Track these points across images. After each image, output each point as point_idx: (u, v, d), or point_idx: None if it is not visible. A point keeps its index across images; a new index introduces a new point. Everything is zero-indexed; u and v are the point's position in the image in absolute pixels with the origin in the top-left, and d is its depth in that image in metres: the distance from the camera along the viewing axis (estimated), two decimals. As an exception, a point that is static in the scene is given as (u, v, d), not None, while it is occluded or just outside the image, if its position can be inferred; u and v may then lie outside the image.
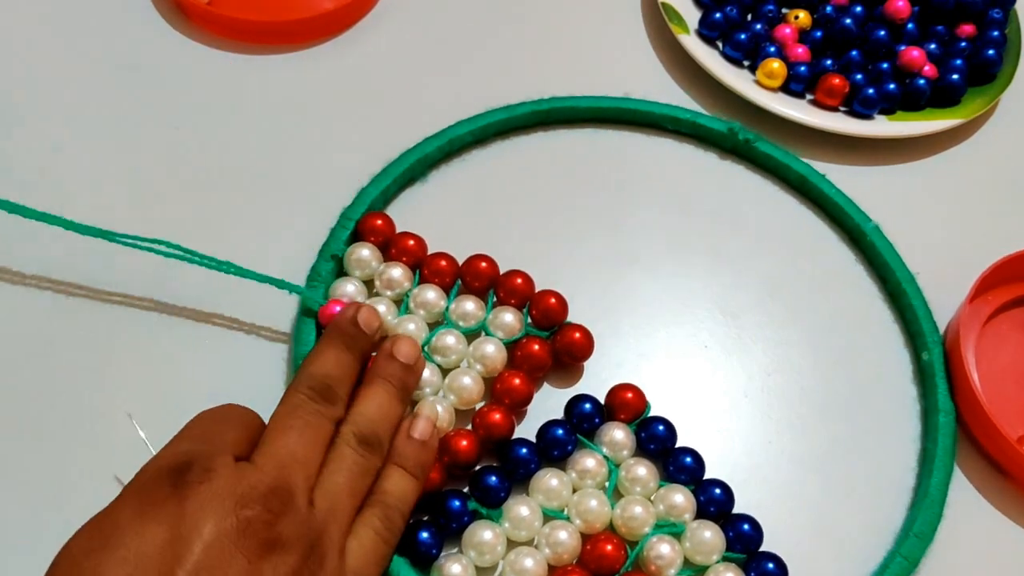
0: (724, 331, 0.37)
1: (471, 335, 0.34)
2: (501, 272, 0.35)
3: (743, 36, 0.44)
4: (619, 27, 0.47)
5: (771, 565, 0.30)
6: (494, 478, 0.30)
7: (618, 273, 0.38)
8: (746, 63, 0.45)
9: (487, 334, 0.34)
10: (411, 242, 0.35)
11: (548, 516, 0.30)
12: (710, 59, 0.43)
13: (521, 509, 0.30)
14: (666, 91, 0.44)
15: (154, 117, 0.41)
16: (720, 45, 0.45)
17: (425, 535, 0.29)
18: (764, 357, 0.36)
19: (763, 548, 0.31)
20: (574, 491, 0.31)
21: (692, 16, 0.45)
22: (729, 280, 0.38)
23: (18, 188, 0.37)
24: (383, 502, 0.28)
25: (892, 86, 0.43)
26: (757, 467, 0.34)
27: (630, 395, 0.33)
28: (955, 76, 0.43)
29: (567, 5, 0.47)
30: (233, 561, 0.23)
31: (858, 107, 0.43)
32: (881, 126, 0.43)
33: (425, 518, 0.30)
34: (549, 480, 0.30)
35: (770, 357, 0.36)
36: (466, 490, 0.31)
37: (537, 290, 0.35)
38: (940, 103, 0.44)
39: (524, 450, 0.31)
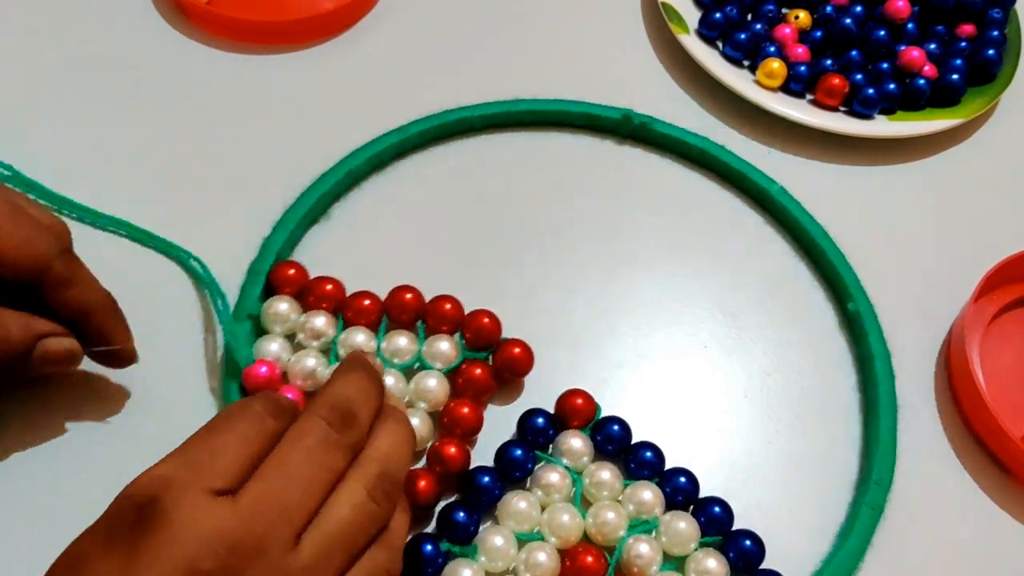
0: (724, 331, 0.37)
1: (408, 371, 0.33)
2: (427, 300, 0.34)
3: (743, 36, 0.44)
4: (619, 27, 0.47)
5: (748, 542, 0.30)
6: (461, 513, 0.29)
7: (556, 284, 0.38)
8: (746, 63, 0.45)
9: (424, 367, 0.33)
10: (329, 286, 0.34)
11: (522, 540, 0.30)
12: (710, 59, 0.43)
13: (495, 540, 0.29)
14: (666, 91, 0.44)
15: (154, 117, 0.41)
16: (720, 45, 0.45)
17: None
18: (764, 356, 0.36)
19: (734, 527, 0.31)
20: (542, 509, 0.30)
21: (692, 16, 0.45)
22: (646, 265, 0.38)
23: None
24: (391, 546, 0.26)
25: (892, 86, 0.43)
26: (757, 467, 0.33)
27: (580, 400, 0.32)
28: (955, 76, 0.43)
29: (567, 5, 0.47)
30: None
31: (858, 107, 0.43)
32: (881, 126, 0.43)
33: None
34: (517, 503, 0.30)
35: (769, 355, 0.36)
36: (432, 529, 0.30)
37: (467, 312, 0.34)
38: (940, 103, 0.44)
39: (486, 478, 0.30)
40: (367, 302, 0.34)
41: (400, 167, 0.40)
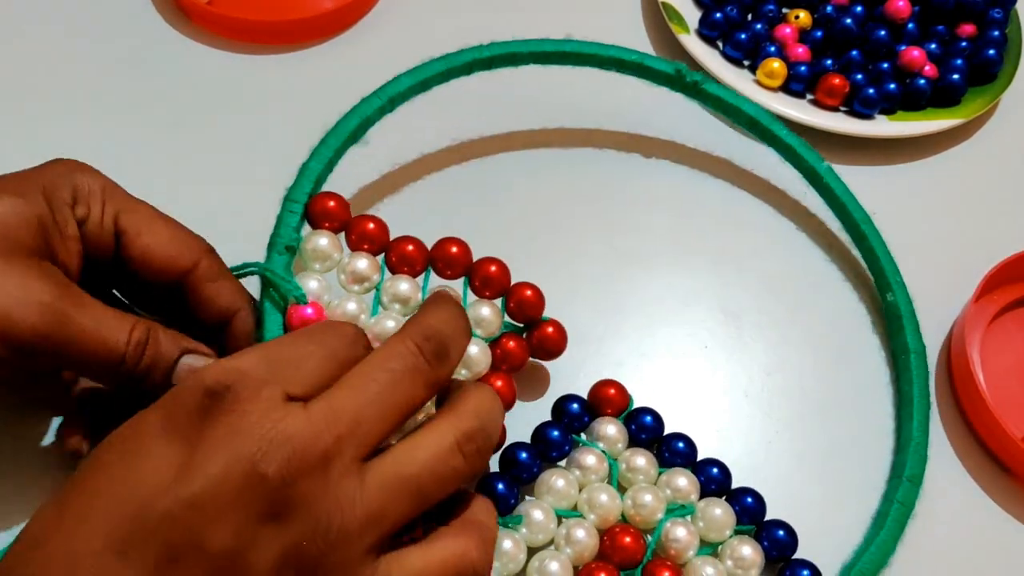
0: (724, 331, 0.37)
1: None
2: (474, 258, 0.32)
3: (743, 36, 0.44)
4: (619, 27, 0.47)
5: (781, 532, 0.30)
6: (502, 485, 0.30)
7: (607, 264, 0.38)
8: (746, 63, 0.45)
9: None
10: (371, 225, 0.31)
11: (560, 517, 0.30)
12: (710, 59, 0.43)
13: (535, 513, 0.29)
14: (668, 92, 0.44)
15: (154, 116, 0.41)
16: (720, 45, 0.45)
17: None
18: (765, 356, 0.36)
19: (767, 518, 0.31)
20: (580, 489, 0.31)
21: (692, 16, 0.45)
22: (694, 228, 0.39)
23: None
24: (470, 524, 0.24)
25: (892, 86, 0.43)
26: (757, 468, 0.33)
27: (612, 391, 0.33)
28: (955, 76, 0.43)
29: (567, 5, 0.47)
30: (226, 515, 0.20)
31: (858, 107, 0.43)
32: (881, 126, 0.43)
33: None
34: (555, 481, 0.30)
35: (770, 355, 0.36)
36: None
37: (513, 282, 0.33)
38: (940, 103, 0.44)
39: (524, 454, 0.31)
40: (411, 247, 0.31)
41: (443, 91, 0.37)
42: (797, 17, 0.46)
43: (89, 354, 0.25)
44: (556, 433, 0.31)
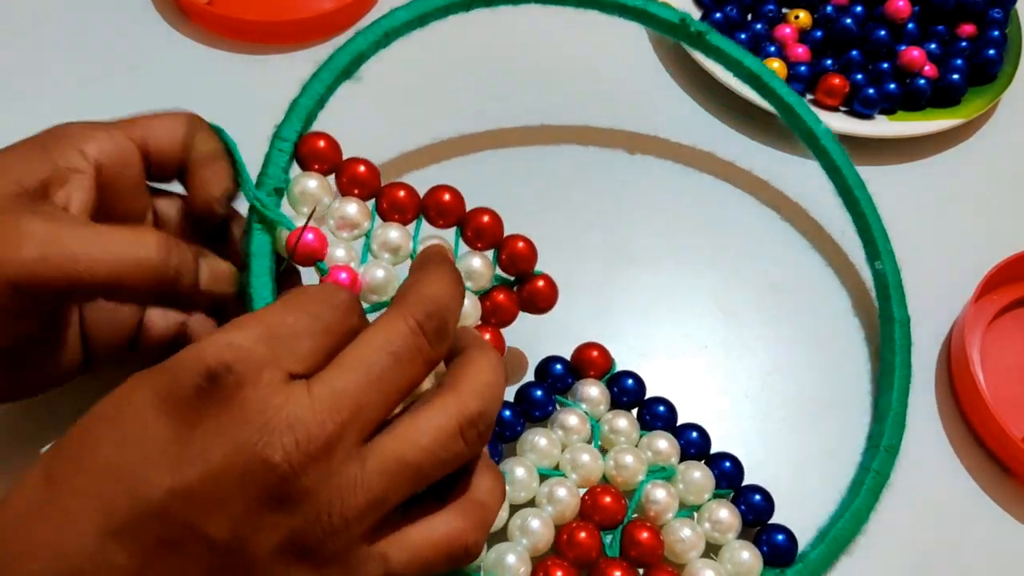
0: (724, 330, 0.37)
1: None
2: (466, 208, 0.31)
3: (743, 36, 0.44)
4: (619, 27, 0.47)
5: (758, 497, 0.31)
6: None
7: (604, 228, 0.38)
8: (746, 63, 0.45)
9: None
10: (362, 168, 0.30)
11: (542, 476, 0.30)
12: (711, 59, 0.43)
13: (517, 471, 0.30)
14: (666, 90, 0.44)
15: (153, 116, 0.41)
16: (720, 45, 0.45)
17: None
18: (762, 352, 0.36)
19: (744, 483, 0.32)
20: (562, 449, 0.31)
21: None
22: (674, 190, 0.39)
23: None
24: (469, 507, 0.23)
25: (892, 86, 0.43)
26: (758, 466, 0.33)
27: (595, 353, 0.33)
28: (955, 76, 0.43)
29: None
30: (228, 503, 0.20)
31: (858, 107, 0.43)
32: (881, 126, 0.43)
33: None
34: (538, 440, 0.30)
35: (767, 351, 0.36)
36: None
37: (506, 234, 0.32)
38: (940, 103, 0.44)
39: (508, 412, 0.31)
40: (402, 193, 0.30)
41: (441, 26, 0.37)
42: (797, 17, 0.46)
43: (102, 271, 0.24)
44: (539, 393, 0.32)
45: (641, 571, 0.29)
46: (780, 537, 0.30)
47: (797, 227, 0.40)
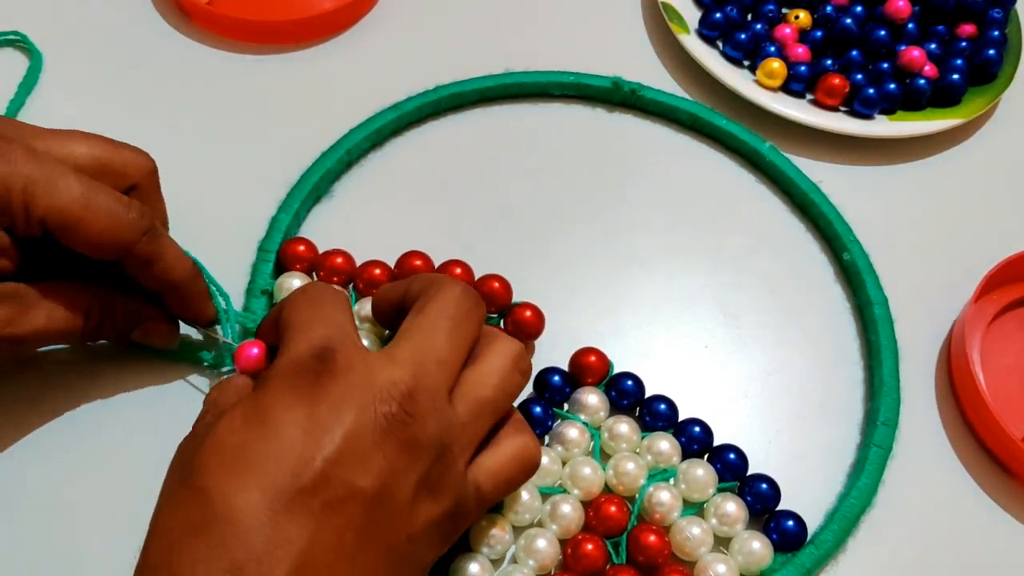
0: (725, 331, 0.37)
1: None
2: (436, 266, 0.35)
3: (743, 36, 0.44)
4: (619, 27, 0.47)
5: (764, 485, 0.31)
6: None
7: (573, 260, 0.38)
8: (746, 63, 0.45)
9: None
10: (339, 259, 0.35)
11: (545, 494, 0.31)
12: (710, 59, 0.43)
13: (520, 495, 0.30)
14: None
15: (154, 116, 0.41)
16: (720, 45, 0.45)
17: None
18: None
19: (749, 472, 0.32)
20: (563, 463, 0.31)
21: (692, 16, 0.45)
22: (658, 224, 0.40)
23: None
24: (522, 424, 0.28)
25: (892, 86, 0.43)
26: (765, 419, 0.33)
27: (593, 358, 0.33)
28: (955, 76, 0.43)
29: (567, 5, 0.47)
30: (371, 456, 0.23)
31: (858, 107, 0.43)
32: (881, 126, 0.43)
33: None
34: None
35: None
36: None
37: (477, 277, 0.35)
38: (940, 103, 0.44)
39: None
40: (377, 271, 0.34)
41: (399, 143, 0.41)
42: (797, 17, 0.46)
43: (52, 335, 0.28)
44: (539, 410, 0.32)
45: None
46: (789, 523, 0.31)
47: (799, 227, 0.40)
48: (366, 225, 0.38)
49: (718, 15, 0.45)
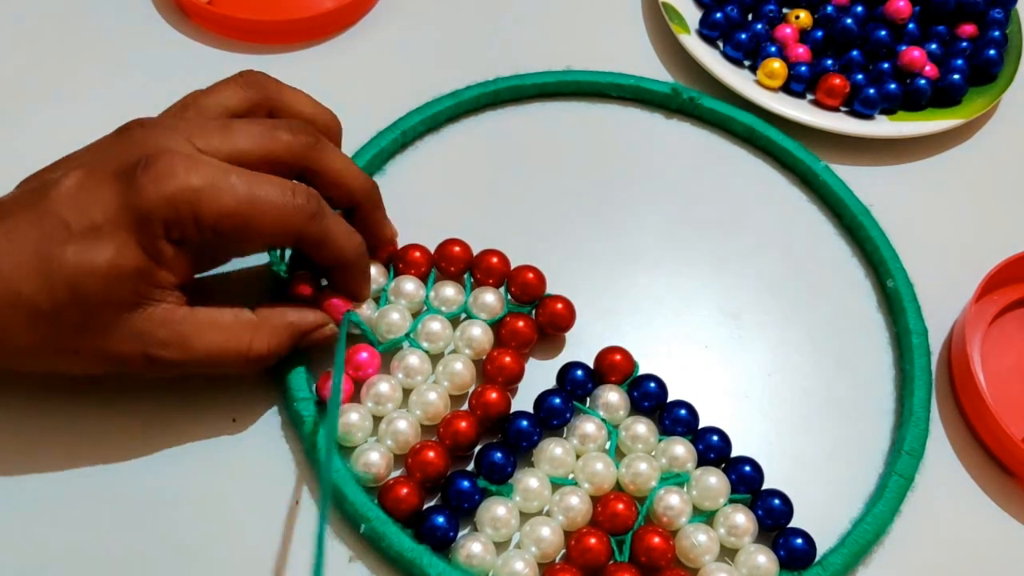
0: (725, 331, 0.37)
1: (454, 320, 0.34)
2: (474, 254, 0.35)
3: (744, 36, 0.44)
4: (620, 26, 0.47)
5: (776, 501, 0.31)
6: (499, 454, 0.30)
7: (608, 261, 0.38)
8: (747, 63, 0.45)
9: (470, 317, 0.34)
10: (418, 253, 0.35)
11: (556, 484, 0.31)
12: (711, 59, 0.43)
13: (530, 481, 0.30)
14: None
15: (153, 117, 0.41)
16: (721, 45, 0.45)
17: (440, 519, 0.29)
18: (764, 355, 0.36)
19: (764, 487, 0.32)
20: (577, 457, 0.31)
21: (693, 16, 0.45)
22: (692, 235, 0.40)
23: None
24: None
25: (893, 86, 0.43)
26: (785, 434, 0.33)
27: (618, 357, 0.33)
28: (956, 76, 0.43)
29: (568, 5, 0.47)
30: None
31: (859, 107, 0.43)
32: (882, 126, 0.43)
33: (436, 502, 0.30)
34: (553, 449, 0.31)
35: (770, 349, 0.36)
36: (471, 468, 0.31)
37: (513, 267, 0.35)
38: (941, 103, 0.44)
39: (524, 423, 0.31)
40: (417, 254, 0.35)
41: (453, 129, 0.41)
42: (797, 17, 0.46)
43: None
44: (558, 401, 0.32)
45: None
46: (799, 541, 0.30)
47: (799, 227, 0.40)
48: (413, 208, 0.37)
49: (719, 15, 0.45)
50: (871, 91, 0.42)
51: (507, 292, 0.35)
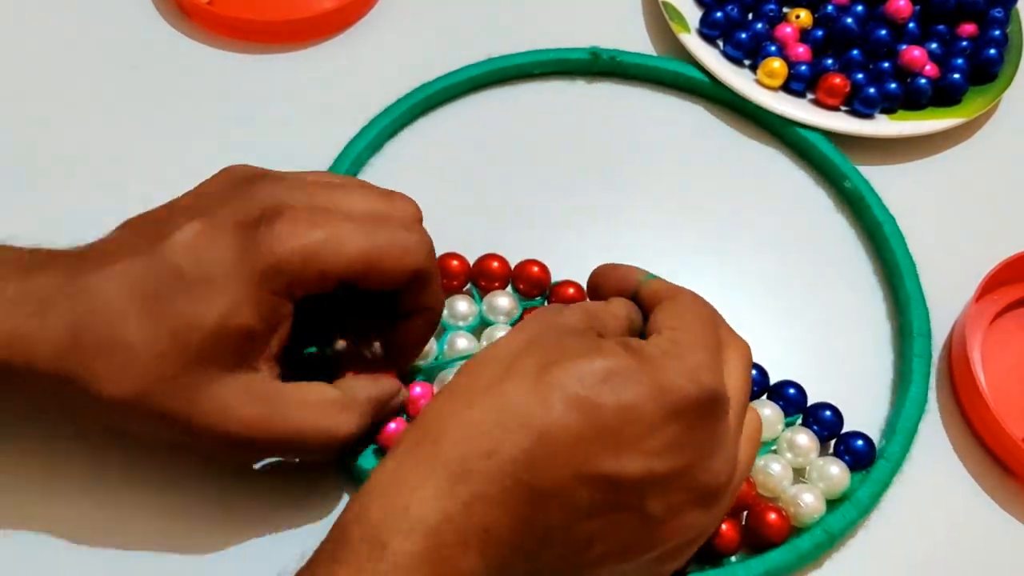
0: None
1: (475, 331, 0.34)
2: (474, 261, 0.36)
3: (744, 35, 0.44)
4: (620, 26, 0.47)
5: (827, 413, 0.33)
6: None
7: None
8: (747, 62, 0.45)
9: (487, 324, 0.34)
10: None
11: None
12: (711, 58, 0.43)
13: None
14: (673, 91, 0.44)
15: (153, 116, 0.41)
16: (721, 44, 0.45)
17: None
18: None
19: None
20: None
21: (693, 15, 0.45)
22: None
23: (18, 188, 0.37)
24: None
25: (893, 85, 0.43)
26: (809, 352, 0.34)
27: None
28: (956, 75, 0.43)
29: (568, 4, 0.47)
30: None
31: (859, 106, 0.43)
32: (882, 125, 0.42)
33: None
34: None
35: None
36: None
37: (513, 265, 0.35)
38: (941, 102, 0.44)
39: None
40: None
41: (399, 140, 0.41)
42: (798, 16, 0.46)
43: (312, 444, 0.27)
44: None
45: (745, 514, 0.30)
46: (859, 443, 0.32)
47: (801, 225, 0.40)
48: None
49: (719, 14, 0.44)
50: (871, 90, 0.42)
51: (515, 291, 0.35)
